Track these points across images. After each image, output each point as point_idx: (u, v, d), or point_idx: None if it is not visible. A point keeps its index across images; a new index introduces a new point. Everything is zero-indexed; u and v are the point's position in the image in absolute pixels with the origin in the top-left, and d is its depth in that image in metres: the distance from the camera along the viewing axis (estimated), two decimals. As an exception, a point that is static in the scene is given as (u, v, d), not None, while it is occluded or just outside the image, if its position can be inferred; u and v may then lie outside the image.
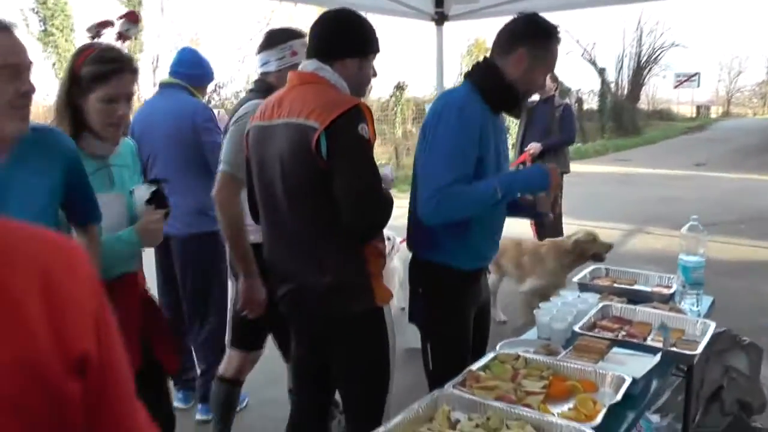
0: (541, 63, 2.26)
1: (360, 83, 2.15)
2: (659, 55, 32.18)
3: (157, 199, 2.15)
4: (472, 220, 2.26)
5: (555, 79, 6.10)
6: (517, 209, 2.49)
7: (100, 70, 2.00)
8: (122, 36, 2.36)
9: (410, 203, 2.39)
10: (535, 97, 6.05)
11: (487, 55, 2.37)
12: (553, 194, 2.30)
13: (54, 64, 11.80)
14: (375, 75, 2.22)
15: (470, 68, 2.39)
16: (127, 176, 2.20)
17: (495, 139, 2.29)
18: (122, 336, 0.74)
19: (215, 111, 3.77)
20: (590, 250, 4.23)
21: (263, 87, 2.74)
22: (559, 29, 2.27)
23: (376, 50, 2.17)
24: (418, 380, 2.59)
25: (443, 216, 2.19)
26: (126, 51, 2.17)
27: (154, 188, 2.15)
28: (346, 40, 2.10)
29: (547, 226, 6.00)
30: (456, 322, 2.38)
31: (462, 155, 2.16)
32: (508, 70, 2.25)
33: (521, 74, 2.24)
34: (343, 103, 1.98)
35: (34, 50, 11.56)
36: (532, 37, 2.23)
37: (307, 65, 2.13)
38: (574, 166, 12.04)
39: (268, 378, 3.94)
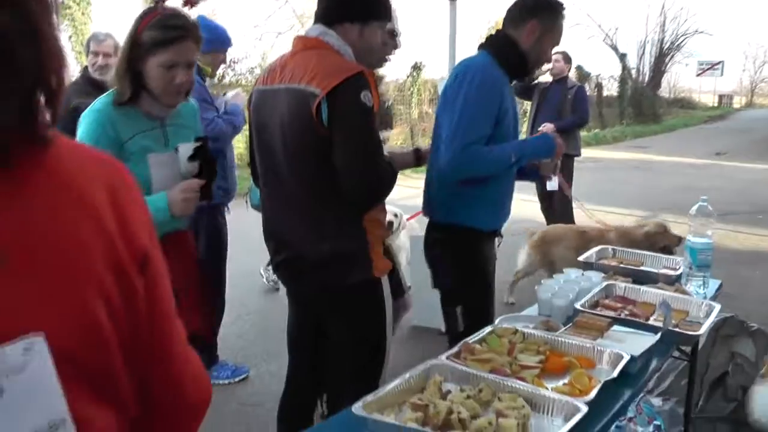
0: (550, 33, 2.47)
1: (365, 51, 2.11)
2: (682, 42, 31.61)
3: (200, 156, 2.09)
4: (492, 181, 2.45)
5: (568, 59, 6.03)
6: (522, 173, 2.67)
7: (161, 36, 1.97)
8: (189, 1, 2.31)
9: (428, 169, 2.58)
10: (548, 78, 5.99)
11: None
12: (556, 160, 2.59)
13: (70, 38, 11.79)
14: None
15: (484, 40, 2.55)
16: (184, 137, 2.15)
17: (512, 103, 2.48)
18: (181, 299, 0.87)
19: (231, 92, 3.71)
20: (660, 242, 4.03)
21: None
22: (564, 6, 2.51)
23: (382, 18, 2.12)
24: (419, 357, 2.59)
25: (463, 173, 2.38)
26: (191, 18, 2.12)
27: (197, 144, 2.10)
28: (344, 5, 2.06)
29: (558, 211, 5.97)
30: (482, 280, 2.55)
31: (483, 117, 2.34)
32: (521, 40, 2.45)
33: (532, 44, 2.45)
34: (346, 69, 1.94)
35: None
36: (542, 10, 2.46)
37: (312, 30, 2.09)
38: (592, 151, 11.85)
39: (269, 352, 3.97)
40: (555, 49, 2.71)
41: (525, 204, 5.12)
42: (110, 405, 0.73)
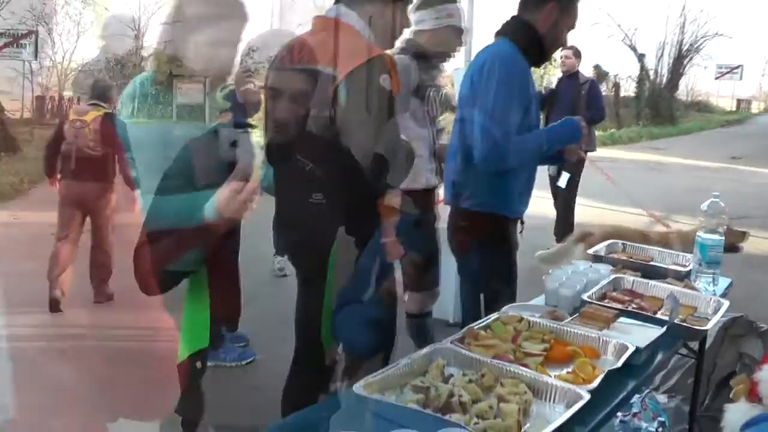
0: (567, 16, 2.47)
1: (387, 32, 2.10)
2: (702, 44, 31.17)
3: (242, 142, 2.01)
4: (520, 169, 2.49)
5: (578, 54, 6.00)
6: (546, 157, 2.69)
7: (205, 12, 1.90)
8: None
9: (448, 158, 2.61)
10: (559, 74, 5.97)
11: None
12: (581, 144, 2.64)
13: (92, 22, 11.88)
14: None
15: (500, 27, 2.52)
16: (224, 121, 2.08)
17: (534, 91, 2.52)
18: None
19: None
20: (725, 240, 3.88)
21: (412, 47, 2.88)
22: None
23: None
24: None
25: (504, 163, 2.40)
26: None
27: (240, 130, 2.01)
28: None
29: (559, 208, 5.98)
30: (509, 267, 2.59)
31: (516, 105, 2.36)
32: (539, 24, 2.45)
33: (550, 27, 2.44)
34: (366, 52, 1.94)
35: (73, 8, 11.67)
36: None
37: (331, 10, 2.08)
38: (607, 151, 11.72)
39: (276, 337, 3.97)
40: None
41: (537, 200, 5.08)
42: None
